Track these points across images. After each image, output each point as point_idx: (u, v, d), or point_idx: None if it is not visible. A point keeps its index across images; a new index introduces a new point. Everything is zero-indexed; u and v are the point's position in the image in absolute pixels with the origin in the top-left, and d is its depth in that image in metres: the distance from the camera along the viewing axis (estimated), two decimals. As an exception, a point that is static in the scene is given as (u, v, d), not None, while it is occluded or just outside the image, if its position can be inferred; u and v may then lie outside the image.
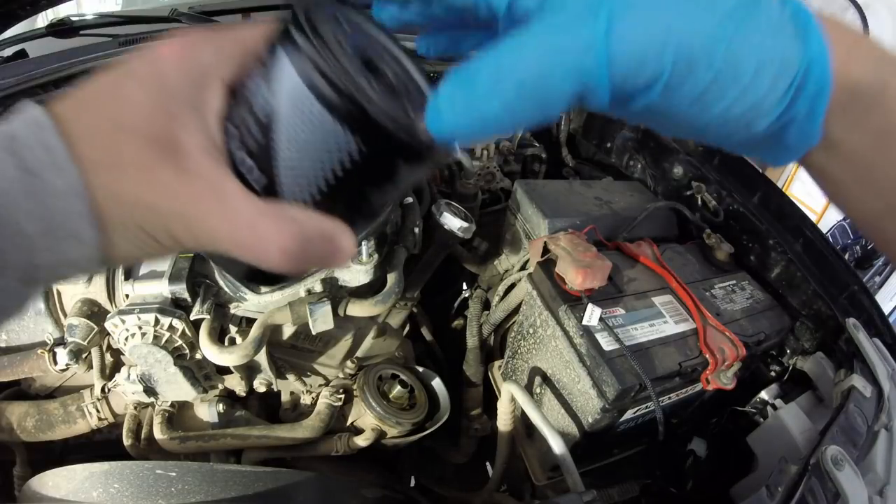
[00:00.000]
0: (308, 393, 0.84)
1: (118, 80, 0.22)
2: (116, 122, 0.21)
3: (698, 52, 0.19)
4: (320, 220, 0.23)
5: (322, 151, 0.22)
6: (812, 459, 0.55)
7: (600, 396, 0.63)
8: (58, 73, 1.08)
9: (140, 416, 0.79)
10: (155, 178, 0.21)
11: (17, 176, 0.19)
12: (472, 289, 0.99)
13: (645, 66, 0.19)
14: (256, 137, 0.22)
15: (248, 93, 0.23)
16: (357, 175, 0.23)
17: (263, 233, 0.22)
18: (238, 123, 0.23)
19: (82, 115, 0.21)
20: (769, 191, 0.92)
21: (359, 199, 0.24)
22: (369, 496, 0.64)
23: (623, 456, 0.81)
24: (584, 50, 0.18)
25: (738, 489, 0.72)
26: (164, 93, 0.22)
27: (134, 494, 0.54)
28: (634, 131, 1.18)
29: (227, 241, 0.22)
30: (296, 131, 0.22)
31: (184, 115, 0.22)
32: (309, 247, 0.22)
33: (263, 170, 0.23)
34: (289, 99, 0.21)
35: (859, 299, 0.78)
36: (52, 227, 0.20)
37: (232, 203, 0.22)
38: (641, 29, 0.18)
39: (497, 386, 0.91)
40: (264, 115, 0.22)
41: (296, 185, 0.23)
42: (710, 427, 0.84)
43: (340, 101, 0.21)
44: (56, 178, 0.20)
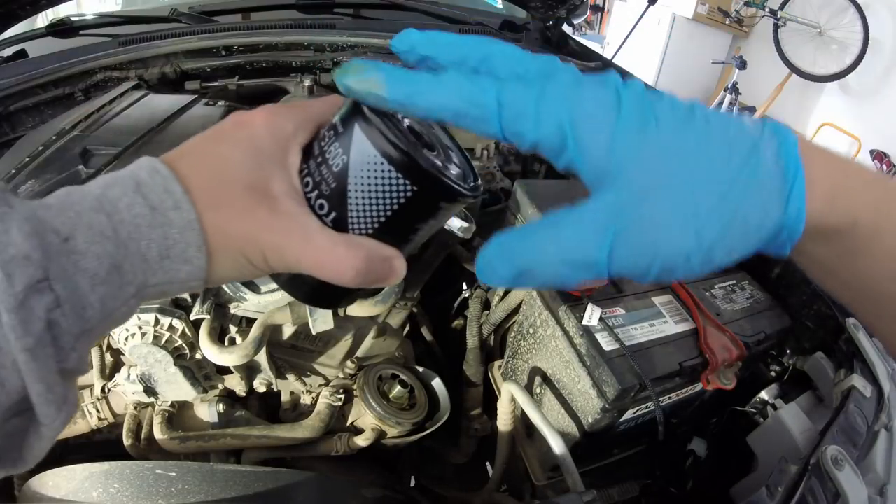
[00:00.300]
0: (308, 393, 0.84)
1: (218, 141, 0.29)
2: (221, 173, 0.28)
3: (680, 264, 0.24)
4: (380, 247, 0.30)
5: (382, 195, 0.29)
6: (812, 459, 0.55)
7: (600, 396, 0.63)
8: (58, 73, 1.08)
9: (140, 416, 0.79)
10: (254, 217, 0.27)
11: (145, 212, 0.25)
12: (472, 289, 0.99)
13: (636, 274, 0.25)
14: (331, 185, 0.30)
15: (324, 153, 0.30)
16: (408, 212, 0.30)
17: (340, 256, 0.28)
18: (313, 175, 0.30)
19: (193, 168, 0.27)
20: (769, 191, 0.92)
21: (408, 231, 0.31)
22: (369, 496, 0.64)
23: (623, 456, 0.81)
24: (591, 265, 0.25)
25: (738, 489, 0.72)
26: (256, 152, 0.29)
27: (134, 494, 0.54)
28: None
29: (312, 264, 0.28)
30: (363, 180, 0.29)
31: (273, 169, 0.29)
32: (373, 267, 0.29)
33: (334, 209, 0.30)
34: (359, 157, 0.28)
35: (859, 299, 0.78)
36: (169, 254, 0.26)
37: (314, 235, 0.28)
38: (635, 255, 0.24)
39: (497, 386, 0.91)
40: (339, 169, 0.29)
41: (360, 220, 0.30)
42: (710, 427, 0.84)
43: (400, 157, 0.28)
44: (175, 215, 0.26)
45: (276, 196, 0.28)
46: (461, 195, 0.30)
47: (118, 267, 0.24)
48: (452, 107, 0.25)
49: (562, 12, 1.39)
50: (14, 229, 0.22)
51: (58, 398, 0.23)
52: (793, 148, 0.24)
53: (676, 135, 0.23)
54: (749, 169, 0.23)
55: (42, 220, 0.23)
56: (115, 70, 1.11)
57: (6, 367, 0.21)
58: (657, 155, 0.23)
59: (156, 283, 0.26)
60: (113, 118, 0.91)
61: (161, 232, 0.25)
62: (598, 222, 0.24)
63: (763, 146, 0.24)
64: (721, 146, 0.24)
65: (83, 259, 0.23)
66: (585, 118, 0.23)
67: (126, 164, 0.27)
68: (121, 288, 0.25)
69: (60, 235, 0.23)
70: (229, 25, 1.23)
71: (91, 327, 0.24)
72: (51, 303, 0.22)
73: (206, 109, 0.99)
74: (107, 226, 0.24)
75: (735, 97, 3.95)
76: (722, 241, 0.24)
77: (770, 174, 0.24)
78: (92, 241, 0.24)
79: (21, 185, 0.77)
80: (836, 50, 3.67)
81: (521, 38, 1.45)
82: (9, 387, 0.22)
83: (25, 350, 0.21)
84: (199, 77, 1.14)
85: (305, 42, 1.18)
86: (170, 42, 1.14)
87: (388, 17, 1.42)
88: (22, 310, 0.21)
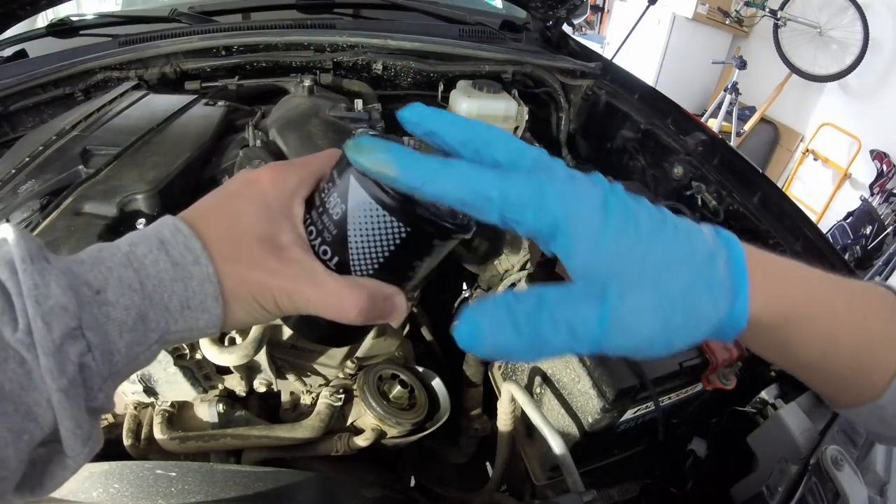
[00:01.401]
0: (308, 393, 0.84)
1: (231, 198, 0.33)
2: (234, 227, 0.31)
3: (645, 348, 0.28)
4: (382, 286, 0.32)
5: (379, 238, 0.31)
6: (812, 459, 0.55)
7: (600, 396, 0.63)
8: (58, 73, 1.08)
9: (140, 416, 0.79)
10: (265, 265, 0.30)
11: (168, 268, 0.28)
12: (472, 289, 0.99)
13: (619, 352, 0.28)
14: (332, 233, 0.32)
15: (324, 203, 0.32)
16: (404, 252, 0.32)
17: (345, 297, 0.31)
18: (316, 224, 0.33)
19: (209, 224, 0.31)
20: (769, 191, 0.92)
21: (406, 269, 0.33)
22: (369, 496, 0.64)
23: (623, 456, 0.81)
24: (589, 341, 0.27)
25: (738, 489, 0.72)
26: (265, 207, 0.32)
27: (134, 494, 0.54)
28: (634, 131, 1.18)
29: (319, 305, 0.31)
30: (360, 226, 0.31)
31: (280, 221, 0.32)
32: (376, 305, 0.31)
33: (337, 253, 0.32)
34: (356, 205, 0.31)
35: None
36: (189, 305, 0.29)
37: (320, 278, 0.31)
38: (623, 336, 0.27)
39: (497, 386, 0.91)
40: (338, 217, 0.32)
41: (361, 263, 0.32)
42: (710, 427, 0.84)
43: (392, 202, 0.30)
44: (195, 269, 0.29)
45: (285, 245, 0.31)
46: (453, 232, 0.33)
47: (144, 316, 0.28)
48: (459, 196, 0.27)
49: (562, 12, 1.39)
50: (53, 283, 0.25)
51: (84, 434, 0.26)
52: (740, 259, 0.30)
53: (653, 240, 0.28)
54: (707, 273, 0.28)
55: (76, 275, 0.26)
56: (115, 70, 1.11)
57: (41, 405, 0.24)
58: (638, 258, 0.27)
59: (176, 329, 0.29)
60: (113, 118, 0.91)
61: (182, 285, 0.29)
62: (594, 307, 0.28)
63: (718, 255, 0.29)
64: (687, 253, 0.28)
65: (113, 310, 0.27)
66: (578, 218, 0.27)
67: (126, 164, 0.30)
68: (145, 335, 0.28)
69: (93, 288, 0.26)
70: (229, 25, 1.23)
71: (118, 370, 0.27)
72: (83, 349, 0.25)
73: (206, 109, 0.99)
74: (134, 280, 0.27)
75: (735, 97, 3.95)
76: (681, 330, 0.28)
77: (722, 279, 0.29)
78: (121, 294, 0.27)
79: (21, 185, 0.77)
80: (836, 50, 3.67)
81: (521, 38, 1.45)
82: (42, 422, 0.25)
83: (60, 391, 0.24)
84: (199, 77, 1.14)
85: (305, 42, 1.18)
86: (170, 42, 1.14)
87: (388, 17, 1.42)
88: (58, 354, 0.24)
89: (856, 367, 0.32)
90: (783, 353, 0.33)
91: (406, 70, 1.21)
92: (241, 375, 0.78)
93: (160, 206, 0.75)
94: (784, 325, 0.31)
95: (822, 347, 0.32)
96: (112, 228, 0.71)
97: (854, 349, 0.32)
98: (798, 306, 0.31)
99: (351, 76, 1.20)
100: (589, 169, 1.28)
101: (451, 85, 1.21)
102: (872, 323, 0.32)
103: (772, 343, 0.32)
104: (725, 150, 1.02)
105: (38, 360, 0.24)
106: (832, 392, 0.35)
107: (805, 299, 0.31)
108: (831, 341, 0.32)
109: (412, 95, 1.29)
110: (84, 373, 0.26)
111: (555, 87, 1.29)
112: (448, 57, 1.25)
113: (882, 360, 0.32)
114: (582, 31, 4.65)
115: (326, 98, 1.03)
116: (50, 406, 0.24)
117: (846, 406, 0.35)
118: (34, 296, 0.24)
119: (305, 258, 0.32)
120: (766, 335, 0.31)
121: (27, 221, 0.72)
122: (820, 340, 0.32)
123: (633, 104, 1.23)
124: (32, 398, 0.24)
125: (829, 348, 0.32)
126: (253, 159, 0.82)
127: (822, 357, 0.32)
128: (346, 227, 0.32)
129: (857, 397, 0.33)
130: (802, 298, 0.31)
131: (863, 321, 0.32)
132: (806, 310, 0.31)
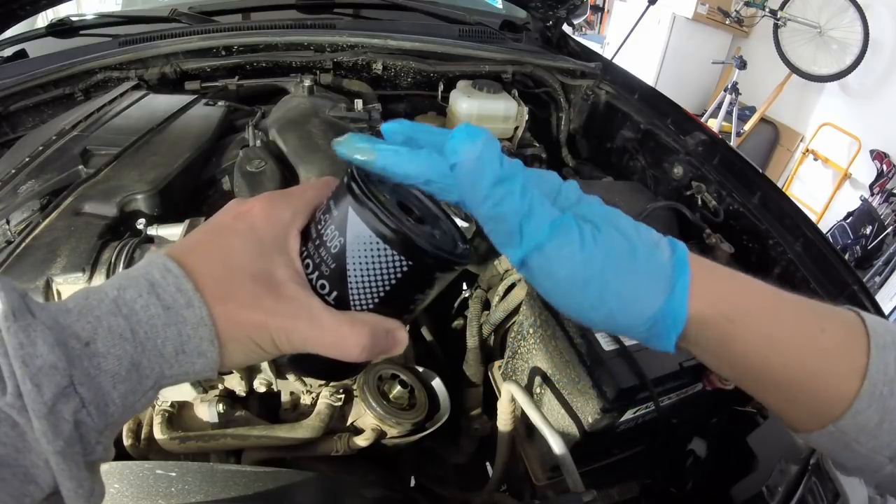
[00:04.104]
0: (308, 393, 0.83)
1: (221, 233, 0.31)
2: (227, 265, 0.29)
3: (588, 298, 0.31)
4: (382, 321, 0.31)
5: (379, 271, 0.30)
6: (812, 459, 0.55)
7: (600, 396, 0.63)
8: (58, 73, 1.08)
9: (140, 416, 0.79)
10: (261, 304, 0.29)
11: (159, 313, 0.27)
12: (472, 289, 0.99)
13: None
14: (330, 266, 0.31)
15: (321, 236, 0.31)
16: (406, 285, 0.31)
17: (345, 335, 0.30)
18: (313, 257, 0.31)
19: (200, 262, 0.29)
20: (769, 191, 0.92)
21: (408, 302, 0.33)
22: (369, 496, 0.64)
23: (623, 456, 0.81)
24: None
25: (738, 489, 0.72)
26: (258, 241, 0.30)
27: (134, 494, 0.54)
28: (634, 131, 1.18)
29: (318, 344, 0.30)
30: (360, 259, 0.30)
31: (274, 255, 0.30)
32: (377, 341, 0.31)
33: (335, 288, 0.31)
34: (355, 238, 0.30)
35: (859, 299, 0.78)
36: (184, 349, 0.28)
37: (318, 316, 0.30)
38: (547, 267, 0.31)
39: (497, 386, 0.91)
40: (336, 251, 0.30)
41: (361, 297, 0.31)
42: (710, 427, 0.84)
43: (393, 235, 0.29)
44: (188, 313, 0.27)
45: (280, 282, 0.30)
46: (455, 264, 0.31)
47: (137, 365, 0.27)
48: (425, 175, 0.29)
49: (562, 12, 1.39)
50: (39, 341, 0.24)
51: (86, 492, 0.25)
52: (683, 255, 0.32)
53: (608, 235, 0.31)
54: (648, 255, 0.31)
55: (63, 327, 0.25)
56: (115, 70, 1.11)
57: (39, 467, 0.24)
58: (590, 218, 0.31)
59: (172, 374, 0.28)
60: (113, 118, 0.91)
61: (176, 330, 0.27)
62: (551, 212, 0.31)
63: (661, 246, 0.32)
64: (633, 235, 0.31)
65: (104, 361, 0.25)
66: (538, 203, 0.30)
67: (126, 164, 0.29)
68: (140, 382, 0.27)
69: (82, 340, 0.25)
70: (229, 25, 1.23)
71: (114, 421, 0.27)
72: (77, 405, 0.24)
73: (206, 109, 0.99)
74: (125, 328, 0.26)
75: (735, 97, 3.95)
76: (622, 304, 0.30)
77: (664, 267, 0.31)
78: (112, 344, 0.26)
79: (21, 185, 0.77)
80: (836, 50, 3.67)
81: (521, 38, 1.45)
82: (42, 483, 0.24)
83: (57, 453, 0.23)
84: (199, 77, 1.14)
85: (305, 42, 1.18)
86: (170, 42, 1.14)
87: (388, 17, 1.42)
88: (51, 415, 0.23)
89: (807, 384, 0.32)
90: (725, 354, 0.33)
91: (406, 70, 1.21)
92: (241, 375, 0.78)
93: (160, 206, 0.75)
94: (726, 325, 0.32)
95: (763, 352, 0.32)
96: (112, 228, 0.71)
97: (803, 361, 0.32)
98: (740, 307, 0.32)
99: (351, 76, 1.20)
100: (589, 169, 1.28)
101: (451, 85, 1.21)
102: (825, 339, 0.32)
103: (714, 343, 0.33)
104: (725, 150, 1.02)
105: (31, 422, 0.23)
106: (789, 411, 0.34)
107: (748, 301, 0.32)
108: (774, 349, 0.32)
109: (412, 95, 1.29)
110: (80, 429, 0.25)
111: (555, 87, 1.29)
112: (448, 57, 1.25)
113: (838, 383, 0.31)
114: (582, 31, 4.65)
115: (326, 98, 1.03)
116: (48, 466, 0.24)
117: (806, 430, 0.33)
118: (20, 356, 0.23)
119: (302, 295, 0.30)
120: (707, 334, 0.32)
121: (27, 221, 0.72)
122: (762, 344, 0.32)
123: (633, 104, 1.23)
124: (30, 461, 0.23)
125: (773, 356, 0.32)
126: (253, 159, 0.82)
127: (766, 364, 0.32)
128: (345, 260, 0.30)
129: (815, 418, 0.32)
130: (745, 300, 0.32)
131: (814, 337, 0.32)
132: (749, 310, 0.32)
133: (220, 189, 0.87)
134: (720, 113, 4.01)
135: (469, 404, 0.95)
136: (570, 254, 0.30)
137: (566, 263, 0.30)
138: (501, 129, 1.18)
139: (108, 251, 0.67)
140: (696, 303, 0.31)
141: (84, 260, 0.64)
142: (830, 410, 0.31)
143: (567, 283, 0.30)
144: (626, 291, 0.30)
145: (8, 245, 0.69)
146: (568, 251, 0.30)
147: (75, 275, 0.63)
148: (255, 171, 0.81)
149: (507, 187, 0.29)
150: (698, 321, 0.31)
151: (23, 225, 0.72)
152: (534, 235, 0.30)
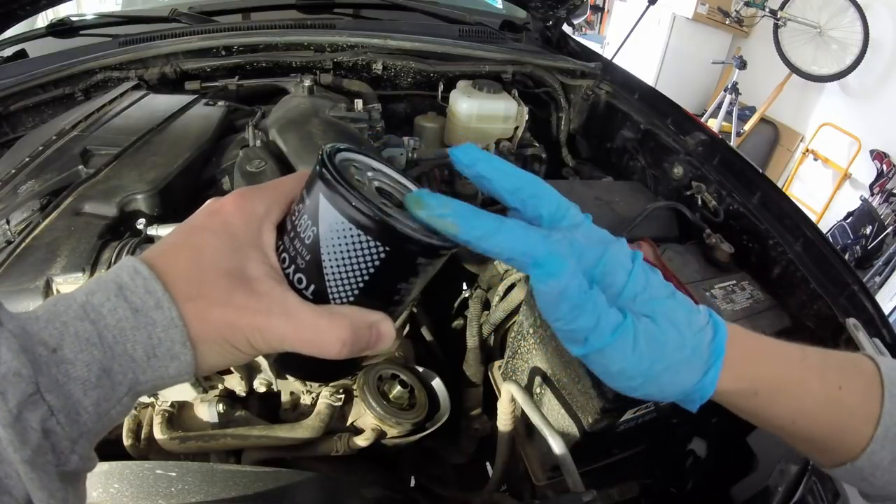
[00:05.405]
0: (308, 393, 0.83)
1: (193, 232, 0.30)
2: (199, 263, 0.28)
3: (636, 381, 0.33)
4: (364, 313, 0.30)
5: (355, 260, 0.28)
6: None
7: (600, 396, 0.63)
8: (58, 73, 1.08)
9: (140, 416, 0.79)
10: (234, 302, 0.28)
11: (127, 316, 0.26)
12: (472, 289, 0.99)
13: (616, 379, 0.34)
14: (305, 258, 0.29)
15: (296, 227, 0.30)
16: (386, 274, 0.29)
17: (323, 330, 0.28)
18: (288, 250, 0.30)
19: (171, 262, 0.28)
20: (769, 191, 0.92)
21: (391, 292, 0.31)
22: (369, 496, 0.64)
23: (623, 456, 0.81)
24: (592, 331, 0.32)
25: (738, 489, 0.72)
26: (230, 237, 0.29)
27: (134, 494, 0.54)
28: (634, 131, 1.18)
29: (295, 341, 0.28)
30: (334, 249, 0.28)
31: (248, 251, 0.29)
32: (359, 335, 0.29)
33: (312, 281, 0.29)
34: (329, 227, 0.28)
35: (859, 299, 0.78)
36: (155, 353, 0.26)
37: (295, 312, 0.28)
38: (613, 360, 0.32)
39: (497, 386, 0.91)
40: (310, 241, 0.29)
41: (339, 289, 0.29)
42: (710, 427, 0.84)
43: (371, 223, 0.27)
44: (158, 315, 0.26)
45: (254, 277, 0.29)
46: (439, 248, 0.29)
47: (108, 371, 0.26)
48: (508, 255, 0.30)
49: (562, 12, 1.39)
50: (3, 348, 0.23)
51: (59, 503, 0.24)
52: (722, 339, 0.33)
53: (665, 300, 0.33)
54: (695, 343, 0.32)
55: (30, 334, 0.24)
56: (115, 70, 1.11)
57: (11, 477, 0.23)
58: (649, 307, 0.33)
59: (146, 380, 0.27)
60: (113, 118, 0.91)
61: (146, 333, 0.26)
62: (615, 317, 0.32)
63: (706, 332, 0.33)
64: (686, 322, 0.33)
65: (72, 367, 0.25)
66: (609, 281, 0.33)
67: (126, 164, 0.29)
68: (113, 389, 0.26)
69: (49, 347, 0.24)
70: (229, 25, 1.23)
71: (88, 429, 0.26)
72: (45, 413, 0.24)
73: (206, 109, 0.99)
74: (92, 333, 0.25)
75: (735, 97, 3.95)
76: (661, 376, 0.32)
77: (704, 351, 0.33)
78: (79, 350, 0.25)
79: (21, 185, 0.77)
80: (836, 50, 3.67)
81: (521, 38, 1.45)
82: (16, 493, 0.23)
83: (24, 462, 0.23)
84: (199, 77, 1.14)
85: (305, 42, 1.18)
86: (170, 42, 1.14)
87: (388, 17, 1.42)
88: (17, 423, 0.23)
89: (829, 434, 0.35)
90: (754, 418, 0.37)
91: (406, 70, 1.21)
92: (241, 375, 0.78)
93: (160, 206, 0.75)
94: (753, 397, 0.35)
95: (792, 416, 0.35)
96: (112, 228, 0.71)
97: (827, 418, 0.35)
98: (769, 381, 0.35)
99: (351, 76, 1.20)
100: (589, 169, 1.28)
101: (451, 85, 1.21)
102: (846, 395, 0.35)
103: (742, 409, 0.36)
104: (725, 150, 1.02)
105: None
106: (811, 452, 0.38)
107: (778, 375, 0.35)
108: (802, 412, 0.35)
109: (412, 95, 1.29)
110: (50, 438, 0.24)
111: (555, 87, 1.29)
112: (448, 57, 1.25)
113: (856, 428, 0.35)
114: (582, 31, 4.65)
115: (326, 98, 1.03)
116: (20, 477, 0.23)
117: (826, 466, 0.37)
118: None
119: (277, 290, 0.29)
120: (734, 403, 0.35)
121: (27, 221, 0.72)
122: (790, 411, 0.35)
123: (633, 104, 1.23)
124: (3, 471, 0.23)
125: (800, 417, 0.35)
126: (253, 159, 0.82)
127: (793, 423, 0.36)
128: (320, 251, 0.29)
129: (835, 459, 0.36)
130: (775, 374, 0.35)
131: (836, 394, 0.35)
132: (778, 384, 0.35)
133: (220, 189, 0.87)
134: (720, 113, 4.01)
135: (469, 404, 0.95)
136: (624, 354, 0.31)
137: (619, 361, 0.32)
138: (501, 129, 1.18)
139: (108, 251, 0.67)
140: (726, 382, 0.33)
141: (84, 260, 0.64)
142: (848, 453, 0.35)
143: (619, 374, 0.32)
144: (668, 377, 0.32)
145: (8, 245, 0.69)
146: (622, 353, 0.31)
147: (75, 275, 0.63)
148: (255, 171, 0.81)
149: (580, 310, 0.31)
150: (727, 392, 0.34)
151: (23, 225, 0.72)
152: (596, 343, 0.31)
